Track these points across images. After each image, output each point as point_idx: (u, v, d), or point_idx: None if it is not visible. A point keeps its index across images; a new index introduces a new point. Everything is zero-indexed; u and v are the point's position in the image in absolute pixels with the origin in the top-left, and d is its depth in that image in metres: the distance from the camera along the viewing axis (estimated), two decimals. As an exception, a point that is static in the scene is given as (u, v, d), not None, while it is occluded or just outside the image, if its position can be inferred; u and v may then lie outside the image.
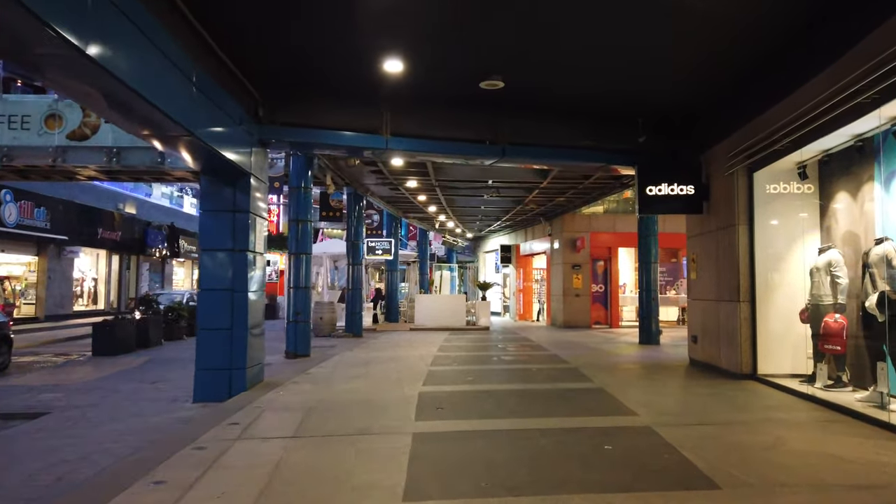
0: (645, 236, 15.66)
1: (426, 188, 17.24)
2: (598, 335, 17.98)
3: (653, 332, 15.34)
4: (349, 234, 17.77)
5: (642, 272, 15.71)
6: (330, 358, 12.27)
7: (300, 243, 12.69)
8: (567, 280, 21.42)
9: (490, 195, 17.61)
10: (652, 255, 15.61)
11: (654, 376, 9.76)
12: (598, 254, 21.78)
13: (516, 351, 13.81)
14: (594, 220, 21.69)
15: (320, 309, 17.81)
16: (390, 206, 20.75)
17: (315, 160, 12.99)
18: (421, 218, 24.57)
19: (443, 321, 20.56)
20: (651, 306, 15.43)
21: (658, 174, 10.29)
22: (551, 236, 22.84)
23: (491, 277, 31.72)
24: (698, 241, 10.77)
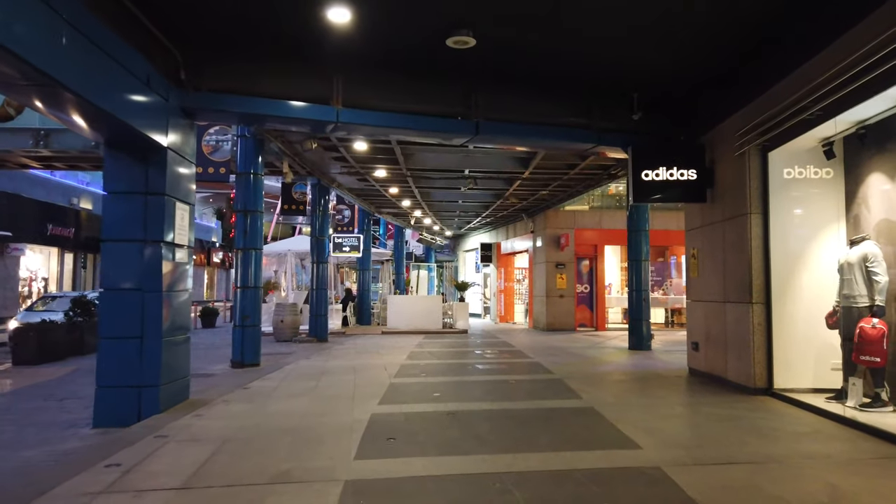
0: (635, 231, 14.35)
1: (397, 179, 15.78)
2: (583, 339, 16.65)
3: (644, 337, 14.02)
4: (313, 229, 16.25)
5: (632, 271, 14.40)
6: (282, 367, 10.75)
7: (249, 237, 11.15)
8: (550, 280, 20.08)
9: (467, 187, 16.20)
10: (643, 252, 14.30)
11: (651, 391, 8.39)
12: (583, 252, 20.47)
13: (494, 358, 12.39)
14: (579, 216, 20.39)
15: (281, 311, 16.26)
16: (361, 199, 19.25)
17: (267, 143, 11.47)
18: (396, 214, 23.10)
19: (418, 324, 19.11)
20: (642, 308, 14.12)
21: (655, 157, 8.94)
22: (534, 234, 21.50)
23: (471, 277, 30.33)
24: (700, 234, 9.44)
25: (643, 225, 14.32)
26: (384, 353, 13.25)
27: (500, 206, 20.41)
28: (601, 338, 17.19)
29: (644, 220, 14.34)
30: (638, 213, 14.32)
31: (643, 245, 14.30)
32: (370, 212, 21.08)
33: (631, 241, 14.43)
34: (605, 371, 10.39)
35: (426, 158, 13.89)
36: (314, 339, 15.92)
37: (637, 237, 14.33)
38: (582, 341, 16.01)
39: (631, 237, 14.42)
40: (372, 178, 15.21)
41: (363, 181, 16.01)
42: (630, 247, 14.47)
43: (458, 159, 13.95)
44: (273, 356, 12.54)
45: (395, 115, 8.21)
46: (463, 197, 18.98)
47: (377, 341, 16.10)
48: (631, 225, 14.43)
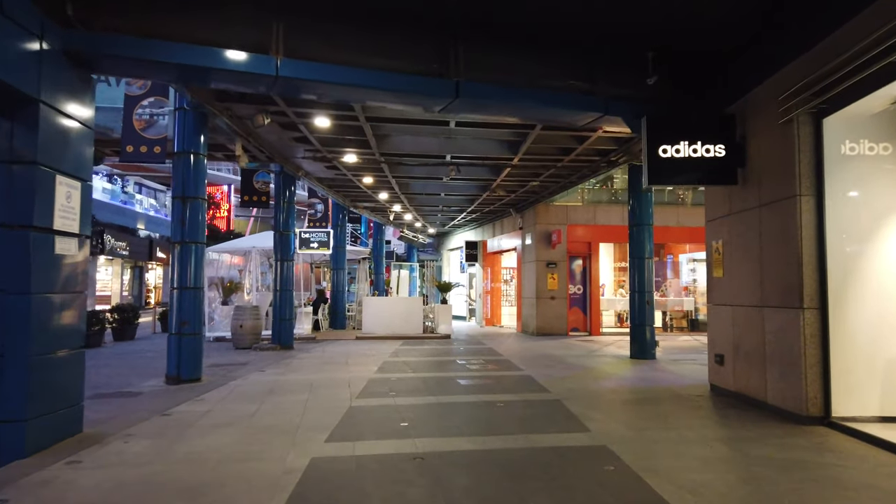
0: (637, 226, 12.75)
1: (371, 166, 14.06)
2: (578, 346, 15.04)
3: (648, 344, 12.44)
4: (276, 222, 14.48)
5: (634, 270, 12.80)
6: (226, 384, 9.01)
7: (188, 229, 9.39)
8: (541, 280, 18.47)
9: (450, 177, 14.56)
10: (646, 248, 12.71)
11: (675, 418, 6.76)
12: (575, 250, 18.89)
13: (479, 371, 10.72)
14: (572, 211, 18.79)
15: (241, 315, 14.48)
16: (334, 191, 17.51)
17: (212, 118, 9.70)
18: (374, 208, 21.36)
19: (396, 328, 17.40)
20: (645, 312, 12.53)
21: (674, 130, 7.32)
22: (522, 230, 19.88)
23: (456, 278, 28.67)
24: (727, 225, 7.83)
25: (646, 218, 12.73)
26: (353, 363, 11.52)
27: (487, 200, 18.77)
28: (597, 344, 15.59)
29: (648, 214, 12.75)
30: (640, 206, 12.72)
31: (647, 241, 12.71)
32: (345, 206, 19.34)
33: (633, 237, 12.84)
34: (610, 388, 8.75)
35: (402, 142, 12.19)
36: (277, 346, 14.16)
37: (640, 232, 12.74)
38: (576, 348, 14.40)
39: (633, 232, 12.83)
40: (341, 164, 13.48)
41: (332, 169, 14.27)
42: (632, 242, 12.87)
43: (439, 143, 12.28)
44: (223, 368, 10.77)
45: (351, 70, 6.50)
46: (446, 189, 17.30)
47: (349, 348, 14.37)
48: (633, 218, 12.84)
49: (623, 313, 22.26)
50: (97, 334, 15.29)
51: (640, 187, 12.67)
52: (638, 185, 12.71)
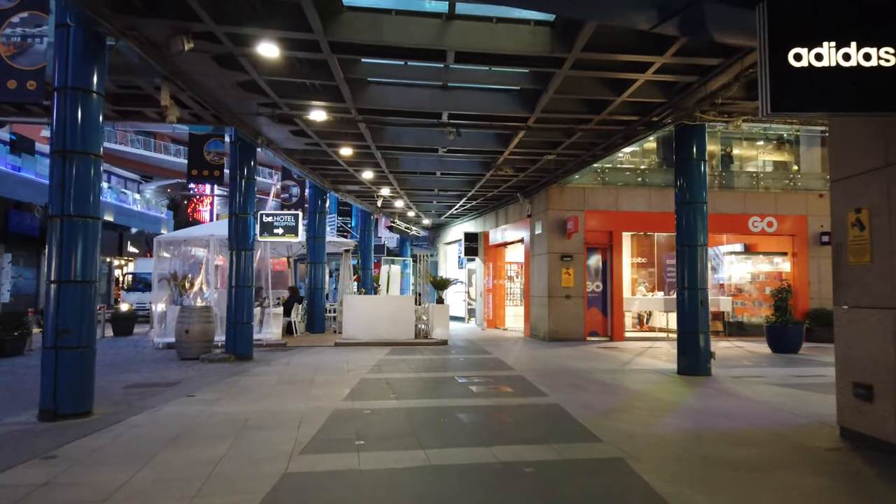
0: (688, 204, 9.94)
1: (347, 130, 11.23)
2: (603, 355, 12.25)
3: (701, 357, 9.65)
4: (232, 202, 11.64)
5: (684, 262, 9.99)
6: (125, 419, 6.21)
7: (75, 197, 6.54)
8: (554, 276, 15.67)
9: (449, 139, 11.76)
10: (699, 234, 9.91)
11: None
12: (594, 240, 16.09)
13: (487, 397, 7.90)
14: (590, 194, 15.99)
15: (187, 317, 11.63)
16: (308, 170, 14.64)
17: (114, 41, 6.85)
18: (360, 194, 18.51)
19: (383, 332, 14.58)
20: (699, 315, 9.74)
21: (814, 23, 4.51)
22: (531, 218, 17.07)
23: (453, 275, 25.86)
24: (883, 182, 5.04)
25: (699, 194, 9.92)
26: (320, 383, 8.71)
27: (491, 182, 15.95)
28: (624, 352, 12.80)
29: (701, 189, 9.94)
30: (691, 180, 9.92)
31: (700, 224, 9.90)
32: (325, 189, 16.48)
33: (682, 220, 10.02)
34: (687, 432, 5.93)
35: (385, 94, 9.37)
36: (231, 356, 11.32)
37: (691, 213, 9.92)
38: (602, 359, 11.60)
39: (682, 214, 10.01)
40: (308, 125, 10.62)
41: (300, 136, 11.41)
42: (681, 227, 10.06)
43: (433, 96, 9.45)
44: (142, 391, 7.93)
45: None
46: (442, 166, 14.48)
47: (322, 359, 11.54)
48: (681, 196, 10.03)
49: (643, 315, 19.54)
50: (18, 340, 12.47)
51: (692, 155, 9.88)
52: (687, 153, 9.92)
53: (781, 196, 16.50)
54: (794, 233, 16.47)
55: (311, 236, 16.57)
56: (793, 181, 16.83)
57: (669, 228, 16.74)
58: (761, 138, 17.83)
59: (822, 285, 16.14)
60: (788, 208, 16.45)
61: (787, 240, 16.64)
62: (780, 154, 17.73)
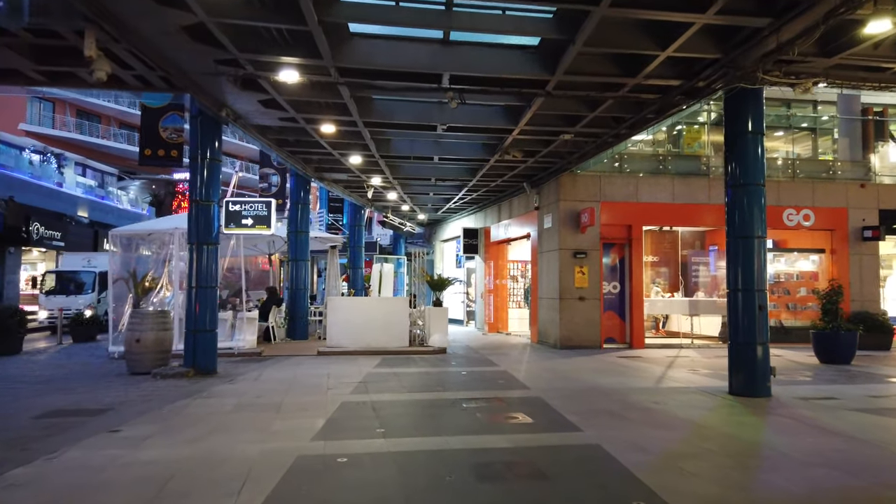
0: (742, 186, 8.16)
1: (327, 98, 9.42)
2: (628, 367, 10.47)
3: (759, 374, 7.89)
4: (193, 189, 9.81)
5: (737, 257, 8.19)
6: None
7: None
8: (566, 275, 13.89)
9: (445, 125, 10.01)
10: (756, 223, 8.12)
11: None
12: (611, 235, 14.32)
13: (501, 435, 6.07)
14: (607, 183, 14.21)
15: (138, 324, 9.79)
16: (286, 152, 12.78)
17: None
18: (348, 183, 16.64)
19: (372, 340, 12.76)
20: (756, 322, 7.96)
21: None
22: (539, 210, 15.28)
23: (451, 274, 24.07)
24: None
25: (757, 174, 8.14)
26: (288, 409, 6.90)
27: (495, 170, 14.15)
28: (650, 363, 11.03)
29: (758, 166, 8.15)
30: (746, 155, 8.14)
31: (756, 211, 8.11)
32: (308, 176, 14.64)
33: (734, 206, 8.23)
34: (800, 497, 4.14)
35: (373, 49, 7.54)
36: (190, 370, 9.49)
37: (744, 198, 8.14)
38: (630, 373, 9.81)
39: (734, 199, 8.22)
40: (280, 92, 8.77)
41: (273, 108, 9.56)
42: (732, 215, 8.26)
43: (431, 53, 7.65)
44: (46, 425, 6.10)
45: None
46: (440, 150, 12.66)
47: (298, 374, 9.72)
48: (733, 176, 8.24)
49: (659, 318, 17.79)
50: None
51: (747, 127, 8.10)
52: (741, 125, 8.14)
53: (820, 186, 14.77)
54: (832, 227, 14.75)
55: (292, 231, 14.73)
56: (832, 170, 15.10)
57: (695, 222, 15.04)
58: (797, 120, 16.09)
59: (865, 286, 14.43)
60: (827, 199, 14.72)
61: (824, 235, 14.92)
62: (816, 139, 16.00)
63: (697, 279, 16.46)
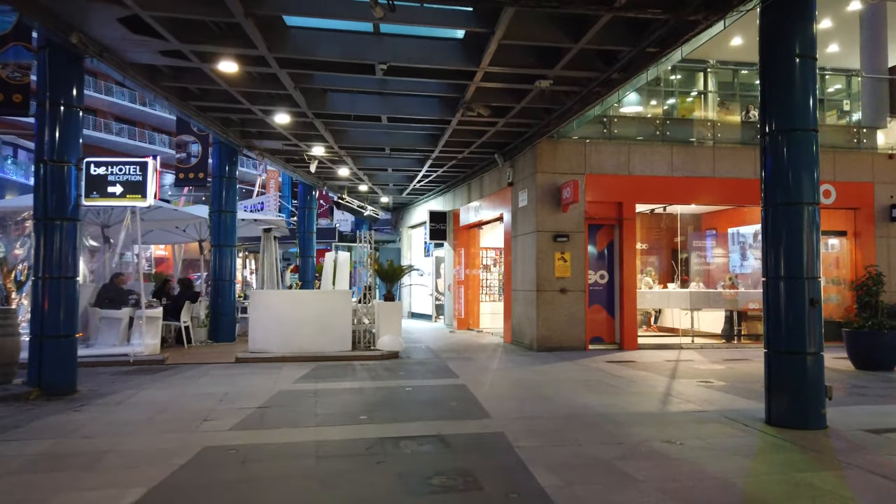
0: (787, 132, 5.79)
1: (219, 22, 6.90)
2: (622, 379, 8.12)
3: (811, 396, 5.57)
4: (39, 145, 7.25)
5: (779, 232, 5.83)
6: None
7: None
8: (544, 262, 11.53)
9: (386, 64, 7.55)
10: (805, 184, 5.77)
11: None
12: (598, 213, 11.99)
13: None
14: (593, 151, 11.85)
15: (-35, 328, 7.22)
16: (193, 109, 10.17)
17: None
18: (288, 156, 14.05)
19: (305, 342, 10.32)
20: (807, 323, 5.63)
21: None
22: (513, 186, 12.89)
23: (420, 264, 21.65)
24: None
25: (807, 116, 5.78)
26: (109, 464, 4.43)
27: (460, 136, 11.71)
28: (648, 371, 8.70)
29: (809, 101, 5.80)
30: (789, 92, 5.79)
31: (806, 168, 5.77)
32: (232, 144, 12.07)
33: (772, 159, 5.86)
34: None
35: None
36: (34, 391, 6.97)
37: (789, 149, 5.78)
38: (626, 388, 7.45)
39: (773, 149, 5.85)
40: (142, 6, 6.23)
41: (144, 32, 6.97)
42: (769, 172, 5.89)
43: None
44: None
45: None
46: (388, 107, 10.18)
47: (185, 393, 7.22)
48: (772, 118, 5.88)
49: (651, 313, 15.56)
50: None
51: (793, 49, 5.74)
52: (785, 47, 5.79)
53: (841, 157, 12.54)
54: (856, 205, 12.56)
55: (215, 210, 12.17)
56: (856, 138, 12.88)
57: (697, 199, 12.51)
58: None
59: (893, 274, 12.27)
60: (850, 173, 12.52)
61: (846, 215, 12.72)
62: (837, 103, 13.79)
63: (695, 268, 14.22)
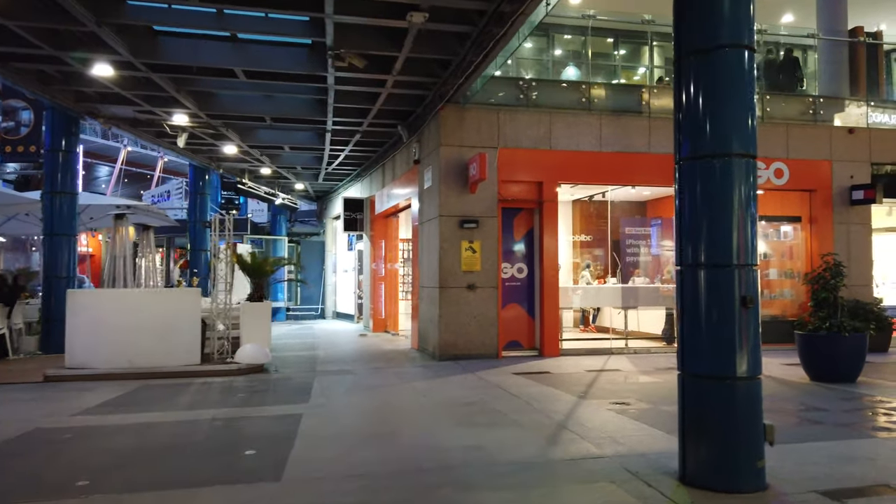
0: (708, 53, 3.92)
1: None
2: (518, 396, 6.18)
3: (739, 442, 3.71)
4: None
5: (695, 198, 3.95)
6: None
7: None
8: (448, 253, 9.59)
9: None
10: (738, 127, 3.89)
11: None
12: (514, 196, 10.08)
13: None
14: (507, 119, 9.93)
15: None
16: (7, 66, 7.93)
17: None
18: (150, 128, 11.76)
19: (140, 353, 8.18)
20: (738, 331, 3.76)
21: None
22: (420, 164, 10.91)
23: (343, 258, 19.58)
24: None
25: (740, 26, 3.91)
26: None
27: (348, 99, 9.68)
28: (559, 387, 6.77)
29: (746, 13, 3.93)
30: None
31: (739, 104, 3.90)
32: (70, 110, 9.81)
33: (692, 91, 3.98)
34: None
35: None
36: None
37: (713, 73, 3.91)
38: (516, 415, 5.51)
39: (695, 75, 3.97)
40: None
41: None
42: (686, 113, 4.02)
43: None
44: None
45: None
46: (241, 55, 8.07)
47: None
48: (691, 36, 3.99)
49: (589, 312, 13.79)
50: None
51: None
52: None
53: (796, 131, 10.88)
54: (812, 186, 10.93)
55: (47, 191, 9.88)
56: (812, 109, 11.23)
57: (630, 178, 10.51)
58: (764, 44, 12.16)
59: (854, 265, 10.66)
60: (805, 149, 10.88)
61: (801, 197, 11.09)
62: (789, 71, 12.14)
63: (636, 259, 12.45)
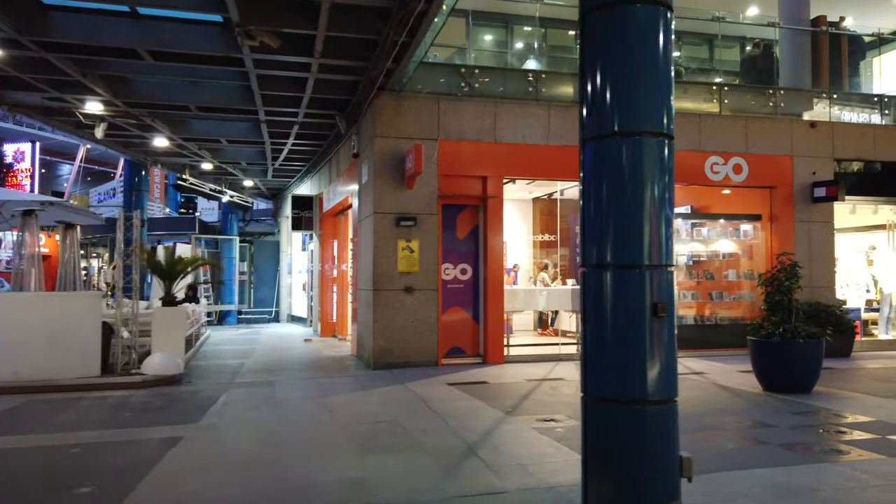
0: (611, 6, 3.23)
1: None
2: (439, 413, 5.47)
3: (644, 484, 2.99)
4: None
5: (599, 186, 3.25)
6: None
7: None
8: (384, 252, 8.86)
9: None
10: (640, 102, 3.20)
11: None
12: (456, 192, 9.37)
13: None
14: (449, 109, 9.22)
15: None
16: None
17: None
18: (65, 118, 10.87)
19: (26, 366, 7.34)
20: (647, 347, 3.06)
21: None
22: (358, 158, 10.17)
23: (298, 258, 18.75)
24: None
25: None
26: None
27: (274, 85, 8.91)
28: (491, 399, 6.07)
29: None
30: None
31: (648, 70, 3.21)
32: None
33: (595, 55, 3.29)
34: None
35: None
36: None
37: (635, 28, 3.22)
38: (426, 437, 4.79)
39: (603, 33, 3.29)
40: None
41: None
42: (589, 89, 3.32)
43: None
44: None
45: None
46: (141, 31, 7.26)
47: None
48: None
49: (547, 315, 13.17)
50: None
51: None
52: None
53: (755, 125, 10.33)
54: (772, 182, 10.38)
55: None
56: (773, 102, 10.68)
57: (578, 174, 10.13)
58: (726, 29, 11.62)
59: (816, 265, 10.15)
60: (765, 144, 10.33)
61: (760, 195, 10.54)
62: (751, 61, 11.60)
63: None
